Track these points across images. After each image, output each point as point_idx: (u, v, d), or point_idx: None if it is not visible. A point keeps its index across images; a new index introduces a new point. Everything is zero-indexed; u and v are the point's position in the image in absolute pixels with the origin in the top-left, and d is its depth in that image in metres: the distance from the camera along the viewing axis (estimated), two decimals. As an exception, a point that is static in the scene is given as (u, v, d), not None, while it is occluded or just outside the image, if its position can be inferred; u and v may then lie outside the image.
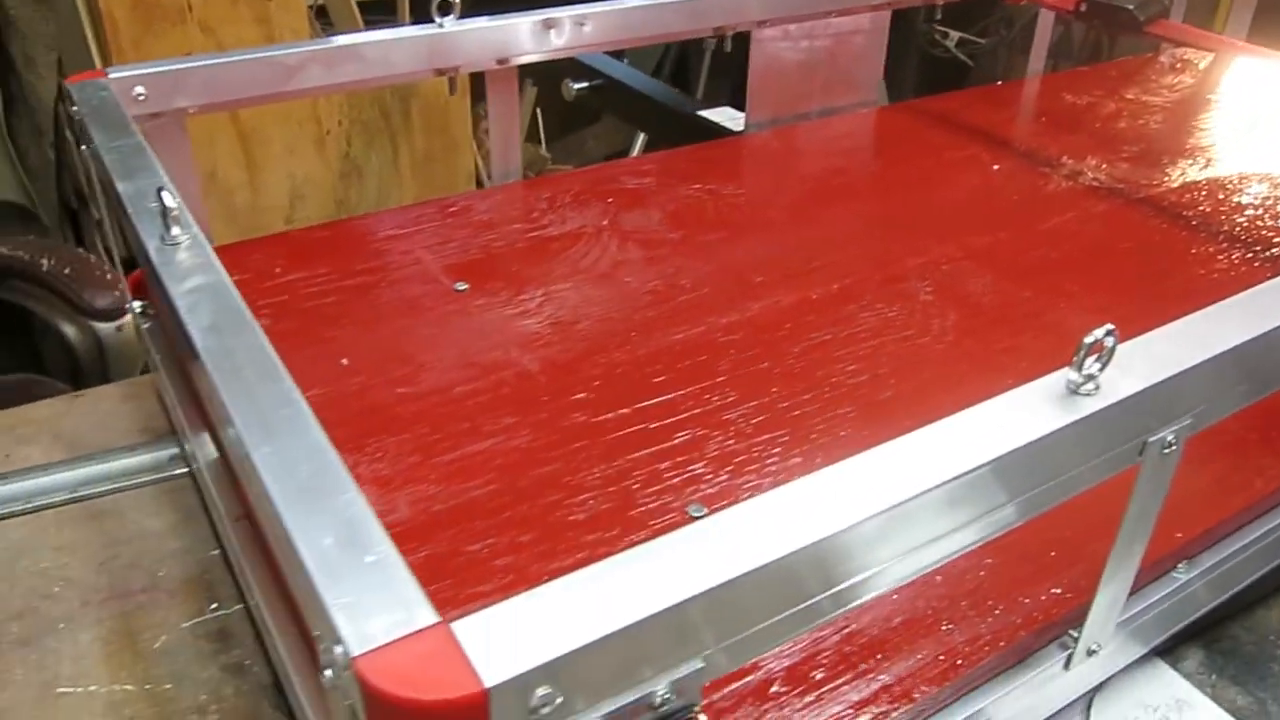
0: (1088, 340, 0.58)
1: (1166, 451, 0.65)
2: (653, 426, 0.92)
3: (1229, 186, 1.41)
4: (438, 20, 1.16)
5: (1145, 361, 0.62)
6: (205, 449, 0.90)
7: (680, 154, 1.47)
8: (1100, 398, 0.59)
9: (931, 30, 4.24)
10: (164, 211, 0.72)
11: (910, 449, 0.55)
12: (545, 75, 2.50)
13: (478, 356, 1.01)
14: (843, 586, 0.51)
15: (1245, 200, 1.38)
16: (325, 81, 1.12)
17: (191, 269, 0.69)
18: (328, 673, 0.43)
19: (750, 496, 0.47)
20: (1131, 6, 1.29)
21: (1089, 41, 3.90)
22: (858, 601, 0.52)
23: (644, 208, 1.31)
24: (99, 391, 1.10)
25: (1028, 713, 0.74)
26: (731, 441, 0.90)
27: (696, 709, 0.47)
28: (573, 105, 2.09)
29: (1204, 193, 1.39)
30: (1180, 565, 0.84)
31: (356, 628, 0.41)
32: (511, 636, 0.41)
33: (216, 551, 0.88)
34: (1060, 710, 0.79)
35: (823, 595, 0.50)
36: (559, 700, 0.42)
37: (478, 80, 1.33)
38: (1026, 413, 0.58)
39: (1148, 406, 0.61)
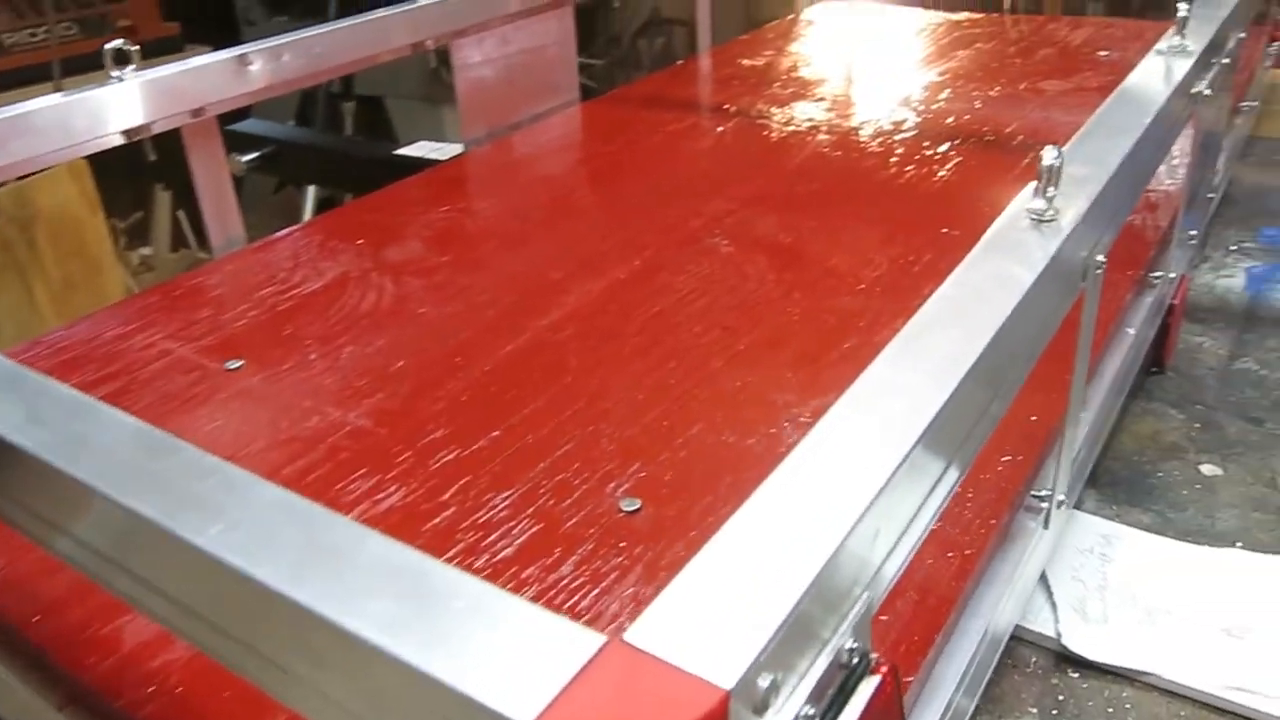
0: (1045, 164, 0.56)
1: (1099, 272, 0.65)
2: (532, 440, 0.81)
3: (918, 100, 1.53)
4: (114, 73, 0.98)
5: (1072, 184, 0.61)
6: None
7: (408, 185, 1.35)
8: (1061, 223, 0.57)
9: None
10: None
11: (933, 328, 0.49)
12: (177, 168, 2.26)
13: (293, 430, 0.85)
14: (948, 463, 0.45)
15: (938, 108, 1.49)
16: (-5, 165, 0.91)
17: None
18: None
19: (676, 475, 0.39)
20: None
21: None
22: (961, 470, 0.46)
23: (399, 241, 1.19)
24: None
25: (1029, 583, 0.72)
26: (623, 429, 0.81)
27: (877, 659, 0.39)
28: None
29: (902, 109, 1.49)
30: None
31: (517, 690, 0.29)
32: (703, 632, 0.31)
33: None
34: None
35: (942, 472, 0.44)
36: (778, 683, 0.32)
37: (112, 190, 1.15)
38: (1019, 256, 0.54)
39: (1087, 225, 0.61)
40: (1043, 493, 0.73)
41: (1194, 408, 1.06)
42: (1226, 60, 1.04)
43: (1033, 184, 0.57)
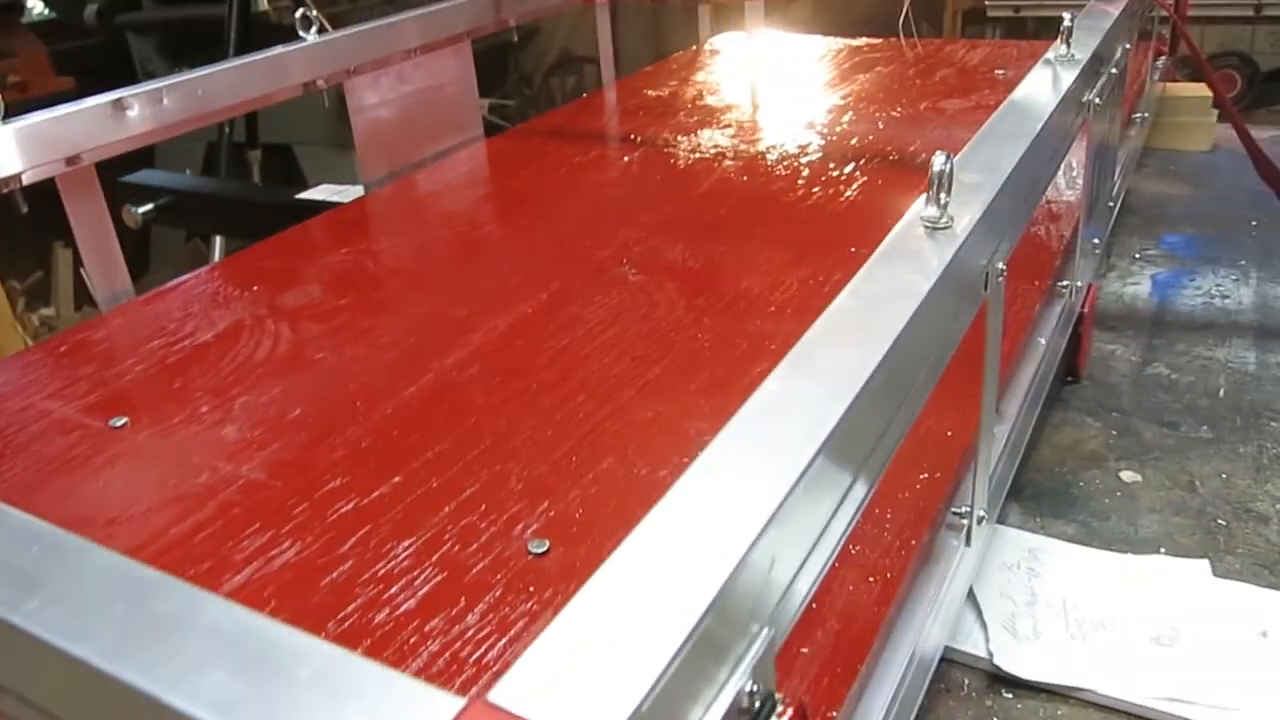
0: (935, 170, 0.55)
1: (1000, 280, 0.64)
2: (436, 484, 0.77)
3: (822, 123, 1.53)
4: (-24, 122, 0.93)
5: (966, 191, 0.60)
6: None
7: (306, 228, 1.31)
8: (957, 229, 0.56)
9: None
10: None
11: (829, 340, 0.47)
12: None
13: (181, 487, 0.80)
14: (856, 475, 0.42)
15: (842, 129, 1.49)
16: None
17: None
18: None
19: (586, 512, 0.37)
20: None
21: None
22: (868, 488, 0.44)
23: (297, 286, 1.14)
24: None
25: (956, 603, 0.70)
26: (532, 467, 0.78)
27: (784, 700, 0.36)
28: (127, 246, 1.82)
29: (807, 132, 1.49)
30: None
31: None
32: (575, 688, 0.28)
33: None
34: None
35: (845, 491, 0.41)
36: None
37: (9, 251, 1.09)
38: (910, 261, 0.53)
39: (985, 230, 0.59)
40: (963, 509, 0.71)
41: (1111, 415, 1.06)
42: (1114, 71, 1.06)
43: (926, 193, 0.56)
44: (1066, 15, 0.89)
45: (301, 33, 1.28)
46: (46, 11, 3.77)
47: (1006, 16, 3.73)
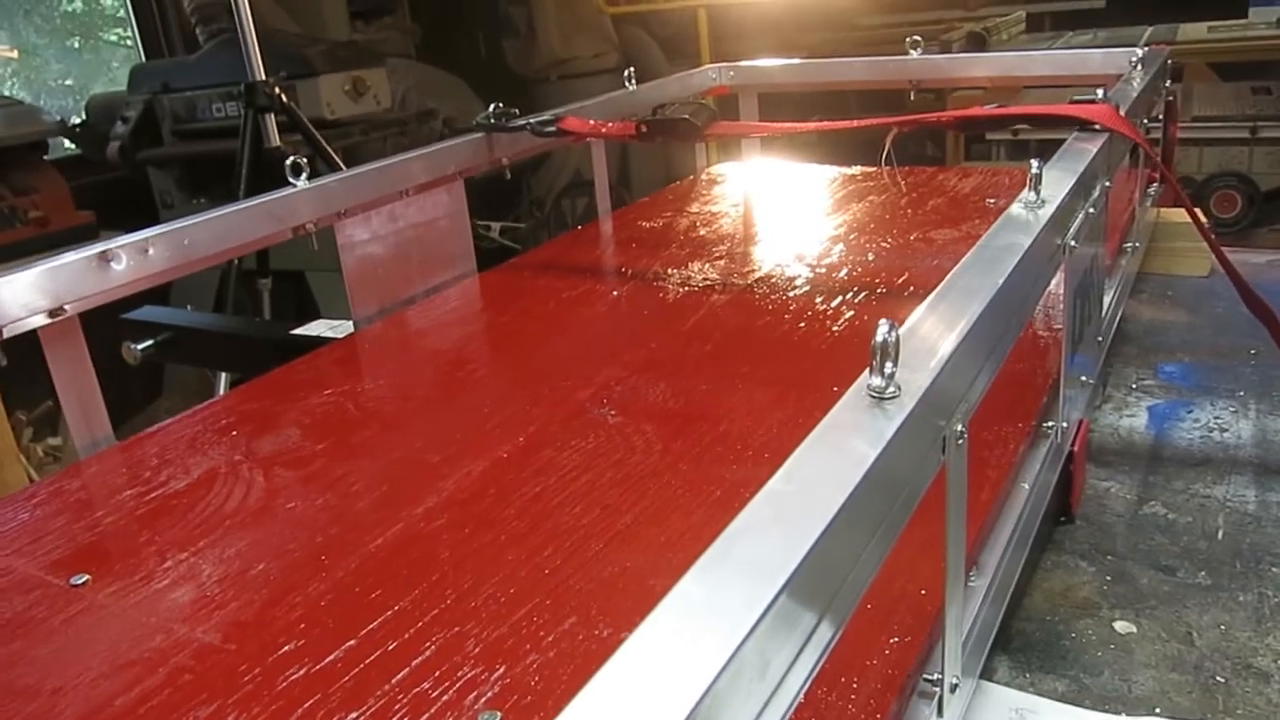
0: (878, 341, 0.54)
1: (960, 442, 0.62)
2: (393, 646, 0.75)
3: (812, 255, 1.54)
4: (-43, 277, 0.94)
5: (919, 355, 0.59)
6: None
7: (292, 369, 1.31)
8: (905, 398, 0.54)
9: (474, 225, 4.43)
10: None
11: (760, 515, 0.46)
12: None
13: (133, 652, 0.77)
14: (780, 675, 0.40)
15: (831, 261, 1.50)
16: None
17: None
18: None
19: (543, 680, 0.35)
20: (688, 115, 1.38)
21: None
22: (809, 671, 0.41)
23: (276, 430, 1.13)
24: None
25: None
26: (492, 628, 0.75)
27: None
28: (127, 383, 1.84)
29: (797, 265, 1.50)
30: (971, 574, 0.82)
31: None
32: None
33: None
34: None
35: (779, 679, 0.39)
36: None
37: (20, 379, 1.10)
38: (852, 435, 0.51)
39: (940, 395, 0.58)
40: (934, 676, 0.68)
41: (1105, 559, 1.03)
42: (1092, 210, 1.06)
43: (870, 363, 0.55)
44: (1034, 162, 0.89)
45: (291, 179, 1.30)
46: (70, 148, 3.91)
47: (1006, 140, 3.80)
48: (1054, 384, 1.02)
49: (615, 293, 1.47)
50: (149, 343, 1.72)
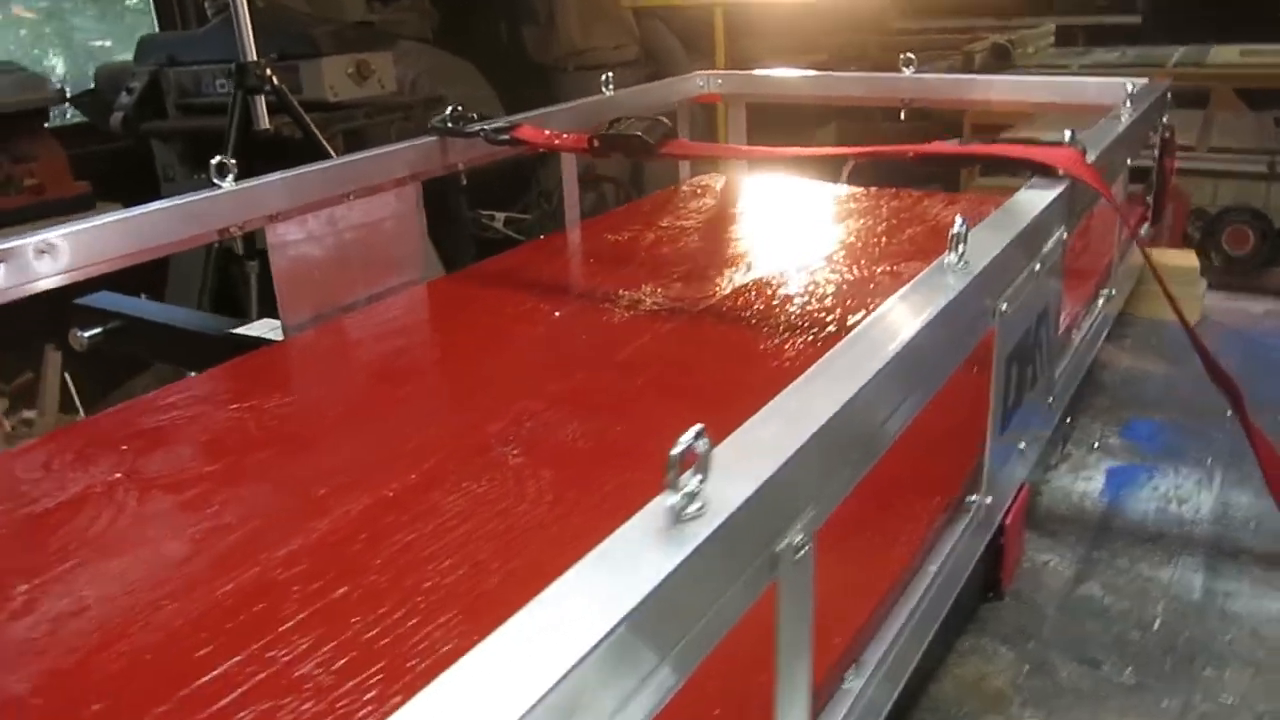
0: (676, 451, 0.47)
1: (799, 555, 0.55)
2: (201, 718, 0.69)
3: (772, 284, 1.46)
4: None
5: (745, 461, 0.52)
6: None
7: (207, 378, 1.26)
8: (710, 516, 0.48)
9: (478, 215, 4.37)
10: None
11: (503, 654, 0.39)
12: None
13: (-66, 701, 0.72)
14: None
15: (789, 292, 1.42)
16: None
17: None
18: None
19: None
20: (640, 132, 1.31)
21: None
22: None
23: (170, 445, 1.08)
24: None
25: None
26: (309, 704, 0.69)
27: None
28: (112, 356, 1.80)
29: (753, 294, 1.42)
30: (848, 674, 0.75)
31: None
32: None
33: None
34: None
35: None
36: None
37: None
38: (626, 563, 0.44)
39: (766, 510, 0.51)
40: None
41: (1027, 645, 0.95)
42: (1040, 266, 0.98)
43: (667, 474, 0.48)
44: (958, 219, 0.81)
45: (216, 179, 1.25)
46: (72, 116, 3.88)
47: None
48: (975, 460, 0.94)
49: (558, 313, 1.40)
50: (97, 330, 1.67)
